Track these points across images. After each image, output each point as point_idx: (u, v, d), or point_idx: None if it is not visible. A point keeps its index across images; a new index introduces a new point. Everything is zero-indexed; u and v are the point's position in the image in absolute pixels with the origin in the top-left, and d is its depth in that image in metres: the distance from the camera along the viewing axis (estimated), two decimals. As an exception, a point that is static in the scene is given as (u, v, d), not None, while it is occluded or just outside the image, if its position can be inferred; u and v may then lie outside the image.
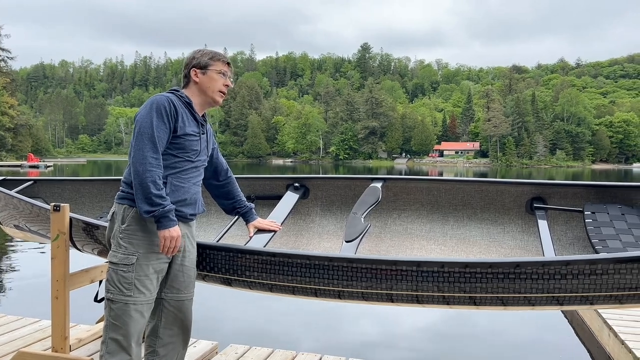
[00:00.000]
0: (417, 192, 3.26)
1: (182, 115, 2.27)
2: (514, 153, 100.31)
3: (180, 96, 2.32)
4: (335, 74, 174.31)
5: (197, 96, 2.37)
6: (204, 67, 2.35)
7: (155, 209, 2.15)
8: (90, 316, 3.84)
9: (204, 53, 2.39)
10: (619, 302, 2.08)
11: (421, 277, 2.14)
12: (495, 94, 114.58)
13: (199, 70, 2.35)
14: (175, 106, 2.25)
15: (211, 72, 2.35)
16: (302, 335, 4.76)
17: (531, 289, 2.07)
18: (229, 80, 2.40)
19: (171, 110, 2.23)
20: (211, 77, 2.35)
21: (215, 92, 2.37)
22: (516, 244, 3.04)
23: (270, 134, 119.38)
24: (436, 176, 3.55)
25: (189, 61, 2.38)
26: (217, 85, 2.36)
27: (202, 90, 2.36)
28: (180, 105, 2.29)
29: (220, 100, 2.41)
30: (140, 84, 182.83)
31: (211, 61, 2.36)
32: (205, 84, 2.35)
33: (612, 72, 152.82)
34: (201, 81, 2.35)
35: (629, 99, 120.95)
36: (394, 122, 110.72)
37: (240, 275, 2.41)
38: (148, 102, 2.26)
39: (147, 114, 2.21)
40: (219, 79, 2.36)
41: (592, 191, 2.93)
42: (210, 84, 2.35)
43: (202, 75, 2.35)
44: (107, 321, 2.23)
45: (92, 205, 3.64)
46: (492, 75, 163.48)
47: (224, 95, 2.40)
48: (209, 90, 2.36)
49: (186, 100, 2.32)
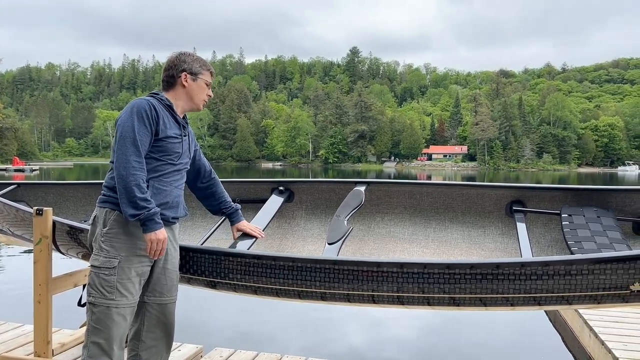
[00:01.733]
0: (400, 196, 3.31)
1: (163, 118, 2.29)
2: (502, 156, 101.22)
3: (160, 99, 2.35)
4: (324, 77, 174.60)
5: (181, 100, 2.40)
6: (195, 74, 2.40)
7: (141, 212, 2.17)
8: (73, 320, 3.82)
9: (195, 59, 2.43)
10: (596, 301, 2.13)
11: (404, 279, 2.18)
12: (483, 98, 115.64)
13: (190, 75, 2.39)
14: (157, 109, 2.27)
15: (200, 81, 2.41)
16: (287, 337, 4.78)
17: (510, 289, 2.12)
18: (210, 91, 2.50)
19: (152, 114, 2.25)
20: (200, 86, 2.42)
21: (200, 100, 2.44)
22: (496, 246, 3.10)
23: (260, 138, 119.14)
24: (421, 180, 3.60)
25: (178, 63, 2.39)
26: (203, 95, 2.45)
27: (189, 95, 2.40)
28: (161, 108, 2.31)
29: (201, 108, 2.50)
30: (128, 87, 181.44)
31: (202, 70, 2.43)
32: (193, 91, 2.40)
33: (597, 77, 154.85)
34: (190, 87, 2.39)
35: (613, 104, 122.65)
36: (383, 125, 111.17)
37: (224, 277, 2.43)
38: (128, 106, 2.27)
39: (128, 118, 2.22)
40: (205, 89, 2.45)
41: (569, 194, 3.00)
42: (199, 91, 2.42)
43: (192, 81, 2.39)
44: (89, 325, 2.24)
45: (76, 209, 3.64)
46: (480, 80, 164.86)
47: (205, 104, 2.50)
48: (195, 97, 2.42)
49: (167, 103, 2.35)
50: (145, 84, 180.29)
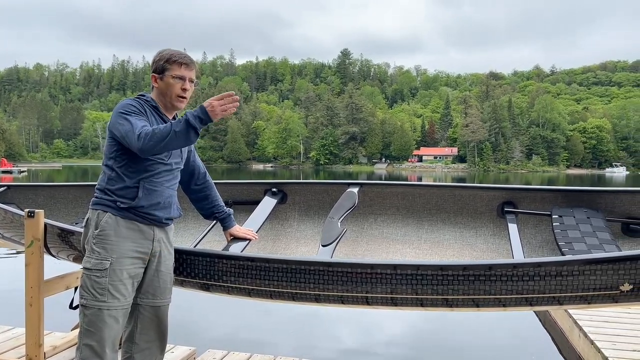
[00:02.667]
0: (392, 197, 3.33)
1: (150, 117, 2.28)
2: (491, 158, 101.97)
3: (146, 100, 2.34)
4: (315, 79, 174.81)
5: (160, 100, 2.37)
6: (161, 72, 2.31)
7: (180, 122, 2.08)
8: (65, 323, 3.79)
9: (162, 56, 2.33)
10: (586, 301, 2.16)
11: (397, 280, 2.19)
12: (473, 100, 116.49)
13: (157, 75, 2.33)
14: (143, 107, 2.28)
15: (167, 78, 2.30)
16: (281, 339, 4.78)
17: (503, 290, 2.14)
18: (188, 84, 2.32)
19: (140, 109, 2.25)
20: (167, 83, 2.30)
21: (173, 98, 2.32)
22: (488, 247, 3.13)
23: (250, 139, 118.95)
24: (414, 181, 3.63)
25: (151, 65, 2.37)
26: (175, 90, 2.30)
27: (163, 94, 2.34)
28: (147, 108, 2.30)
29: (180, 105, 2.36)
30: (118, 88, 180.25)
31: (167, 64, 2.30)
32: (163, 90, 2.33)
33: (585, 79, 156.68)
34: (160, 86, 2.33)
35: (601, 106, 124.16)
36: (373, 127, 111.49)
37: (218, 280, 2.43)
38: (115, 109, 2.27)
39: (119, 118, 2.21)
40: (176, 84, 2.29)
41: (560, 195, 3.03)
42: (168, 89, 2.31)
43: (160, 80, 2.32)
44: (81, 327, 2.23)
45: (67, 212, 3.61)
46: (470, 82, 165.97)
47: (183, 100, 2.34)
48: (167, 96, 2.33)
49: (152, 104, 2.34)
50: (135, 85, 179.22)
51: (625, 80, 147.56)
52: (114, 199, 2.26)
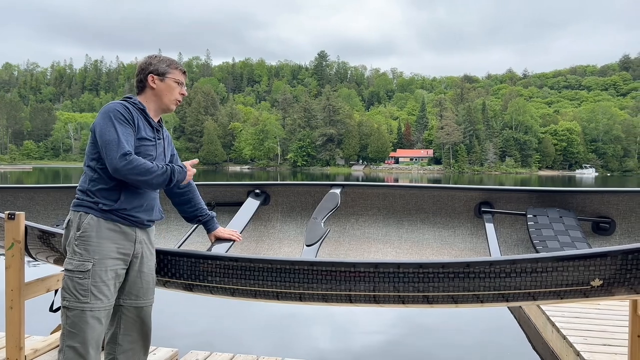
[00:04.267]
0: (373, 198, 3.40)
1: (137, 121, 2.30)
2: (466, 160, 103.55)
3: (134, 103, 2.35)
4: (292, 80, 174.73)
5: (152, 102, 2.40)
6: (162, 74, 2.38)
7: (165, 173, 2.25)
8: (44, 326, 3.74)
9: (161, 60, 2.42)
10: (559, 297, 2.26)
11: (379, 278, 2.25)
12: (448, 102, 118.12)
13: (157, 76, 2.38)
14: (130, 111, 2.29)
15: (169, 80, 2.39)
16: (263, 339, 4.80)
17: (480, 287, 2.22)
18: (184, 89, 2.46)
19: (128, 115, 2.26)
20: (168, 85, 2.39)
21: (171, 100, 2.42)
22: (466, 246, 3.22)
23: (227, 141, 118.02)
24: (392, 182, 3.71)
25: (145, 67, 2.40)
26: (174, 93, 2.42)
27: (158, 96, 2.39)
28: (135, 111, 2.32)
29: (174, 108, 2.47)
30: (90, 88, 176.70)
31: (169, 69, 2.40)
32: (162, 91, 2.39)
33: (556, 83, 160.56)
34: (158, 88, 2.38)
35: (571, 109, 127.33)
36: (351, 129, 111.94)
37: (202, 280, 2.45)
38: (103, 112, 2.27)
39: (106, 122, 2.22)
40: (176, 88, 2.42)
41: (534, 196, 3.15)
42: (167, 91, 2.40)
43: (159, 82, 2.38)
44: (64, 329, 2.22)
45: (46, 214, 3.57)
46: (445, 85, 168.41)
47: (178, 103, 2.46)
48: (165, 98, 2.40)
49: (140, 107, 2.35)
50: (109, 86, 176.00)
51: (594, 85, 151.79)
52: (95, 201, 2.26)
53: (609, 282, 2.18)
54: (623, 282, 2.18)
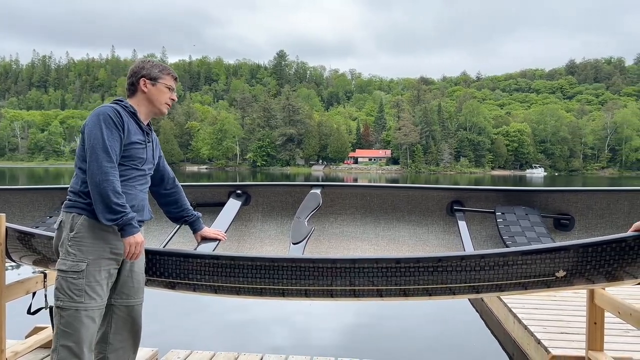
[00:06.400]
0: (352, 198, 3.54)
1: (127, 124, 2.34)
2: (423, 160, 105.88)
3: (125, 106, 2.40)
4: (251, 80, 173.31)
5: (143, 106, 2.46)
6: (154, 79, 2.45)
7: (118, 217, 2.21)
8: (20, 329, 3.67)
9: (154, 65, 2.49)
10: (524, 288, 2.46)
11: (358, 273, 2.39)
12: (405, 104, 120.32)
13: (149, 81, 2.44)
14: (121, 115, 2.33)
15: (160, 85, 2.46)
16: (243, 336, 4.85)
17: (453, 279, 2.39)
18: (174, 95, 2.54)
19: (118, 119, 2.31)
20: (160, 90, 2.46)
21: (162, 104, 2.49)
22: (439, 242, 3.41)
23: (184, 140, 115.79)
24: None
25: (138, 70, 2.46)
26: (165, 97, 2.49)
27: (150, 100, 2.46)
28: (126, 115, 2.37)
29: (165, 111, 2.54)
30: (38, 84, 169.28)
31: (161, 74, 2.47)
32: (153, 95, 2.45)
33: (507, 86, 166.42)
34: (150, 92, 2.45)
35: (522, 111, 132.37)
36: (310, 129, 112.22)
37: (183, 278, 2.52)
38: (94, 114, 2.31)
39: (95, 125, 2.26)
40: (166, 93, 2.49)
41: (502, 195, 3.38)
42: (159, 95, 2.47)
43: (151, 86, 2.44)
44: (58, 329, 2.24)
45: (22, 215, 3.52)
46: (402, 86, 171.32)
47: (168, 107, 2.53)
48: (156, 102, 2.47)
49: (131, 110, 2.41)
50: (58, 82, 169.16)
51: (542, 88, 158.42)
52: (88, 202, 2.28)
53: (571, 273, 2.40)
54: (583, 273, 2.41)
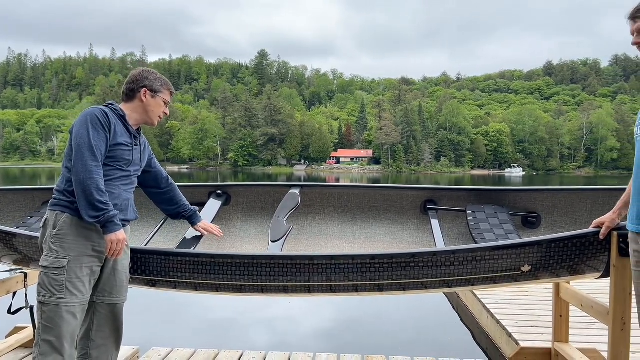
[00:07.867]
0: (330, 197, 3.65)
1: (114, 126, 2.42)
2: (404, 160, 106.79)
3: (114, 109, 2.48)
4: (232, 79, 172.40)
5: (137, 113, 2.56)
6: (155, 92, 2.57)
7: (100, 214, 2.28)
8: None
9: (157, 78, 2.60)
10: (494, 282, 2.60)
11: (335, 269, 2.50)
12: (387, 104, 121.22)
13: (150, 92, 2.55)
14: (109, 117, 2.41)
15: (159, 99, 2.58)
16: (223, 333, 4.92)
17: (425, 274, 2.51)
18: (167, 109, 2.66)
19: (105, 120, 2.39)
20: (158, 103, 2.58)
21: (155, 116, 2.60)
22: (413, 240, 3.55)
23: (164, 140, 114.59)
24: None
25: (140, 79, 2.56)
26: (159, 110, 2.61)
27: (146, 110, 2.56)
28: (114, 117, 2.45)
29: (156, 123, 2.66)
30: (14, 83, 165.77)
31: (162, 89, 2.60)
32: (150, 106, 2.56)
33: (487, 87, 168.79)
34: (148, 102, 2.55)
35: (501, 111, 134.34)
36: (292, 129, 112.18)
37: (165, 276, 2.60)
38: (82, 115, 2.39)
39: (82, 126, 2.35)
40: (162, 106, 2.62)
41: (473, 194, 3.53)
42: (155, 107, 2.58)
43: (151, 97, 2.56)
44: (39, 324, 2.31)
45: (2, 216, 3.54)
46: (383, 87, 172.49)
47: (160, 119, 2.65)
48: (151, 113, 2.58)
49: (120, 113, 2.49)
50: (35, 81, 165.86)
51: (521, 89, 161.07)
52: (72, 200, 2.36)
53: (536, 268, 2.54)
54: (547, 267, 2.55)
